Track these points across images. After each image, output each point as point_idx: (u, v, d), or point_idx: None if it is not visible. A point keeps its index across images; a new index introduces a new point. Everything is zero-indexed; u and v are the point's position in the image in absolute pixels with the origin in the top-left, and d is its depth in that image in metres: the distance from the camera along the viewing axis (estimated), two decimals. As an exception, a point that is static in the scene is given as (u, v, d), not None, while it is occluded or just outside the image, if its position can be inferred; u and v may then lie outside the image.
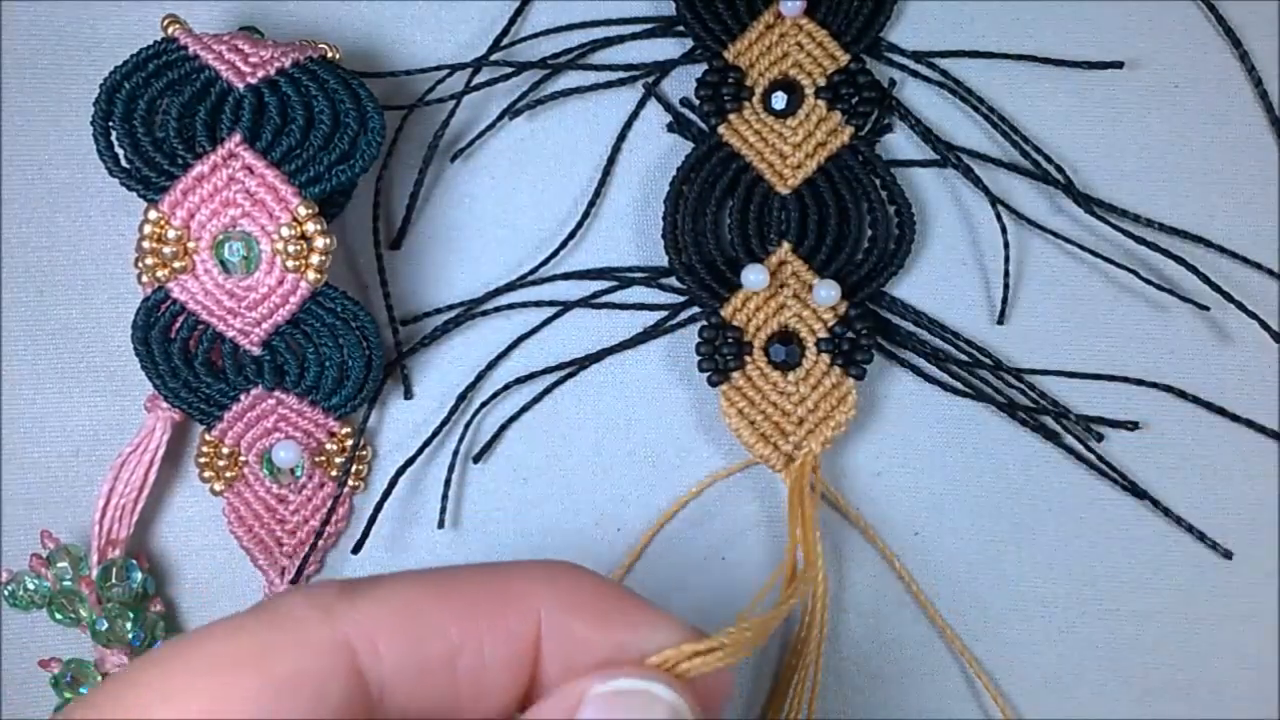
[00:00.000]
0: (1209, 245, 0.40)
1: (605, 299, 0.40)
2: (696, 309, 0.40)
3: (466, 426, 0.40)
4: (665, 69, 0.41)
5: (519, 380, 0.40)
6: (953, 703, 0.39)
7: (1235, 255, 0.40)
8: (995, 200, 0.40)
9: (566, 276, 0.40)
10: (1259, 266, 0.40)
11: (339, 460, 0.39)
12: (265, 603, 0.23)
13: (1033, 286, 0.40)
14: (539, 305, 0.40)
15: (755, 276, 0.38)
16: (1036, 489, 0.40)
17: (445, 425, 0.39)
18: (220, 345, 0.37)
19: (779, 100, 0.40)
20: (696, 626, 0.24)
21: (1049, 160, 0.40)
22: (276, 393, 0.38)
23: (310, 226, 0.35)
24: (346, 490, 0.39)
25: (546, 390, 0.40)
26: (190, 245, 0.35)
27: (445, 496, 0.39)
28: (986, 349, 0.40)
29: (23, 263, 0.40)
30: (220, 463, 0.39)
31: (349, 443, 0.39)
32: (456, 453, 0.39)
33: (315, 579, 0.40)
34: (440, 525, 0.39)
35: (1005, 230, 0.40)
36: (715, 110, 0.40)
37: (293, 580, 0.39)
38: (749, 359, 0.39)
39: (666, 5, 0.41)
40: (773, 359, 0.39)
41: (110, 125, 0.36)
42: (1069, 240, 0.40)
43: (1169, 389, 0.40)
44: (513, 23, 0.41)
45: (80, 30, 0.40)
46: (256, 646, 0.22)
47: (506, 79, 0.40)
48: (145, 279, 0.36)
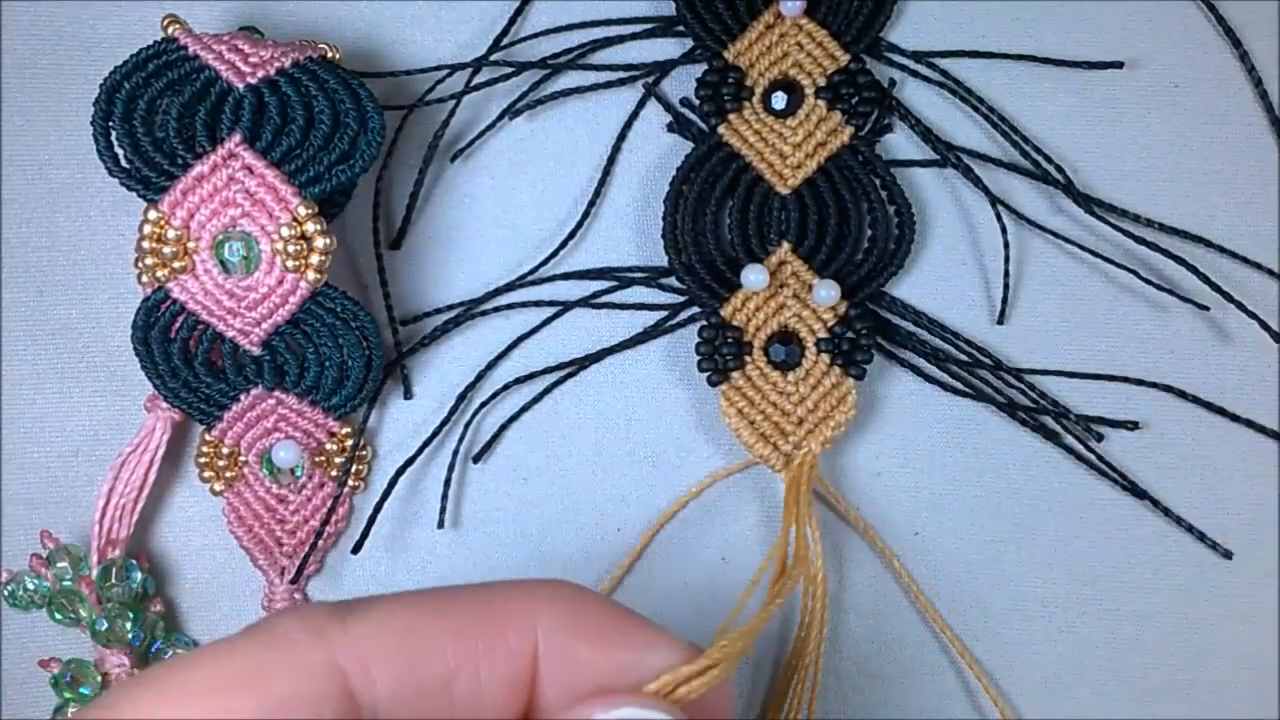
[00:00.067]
0: (1209, 245, 0.40)
1: (605, 299, 0.40)
2: (696, 309, 0.40)
3: (466, 426, 0.40)
4: (665, 69, 0.41)
5: (519, 380, 0.40)
6: (952, 703, 0.39)
7: (1235, 255, 0.40)
8: (995, 200, 0.40)
9: (566, 276, 0.40)
10: (1259, 266, 0.40)
11: (339, 460, 0.39)
12: (259, 624, 0.23)
13: (1033, 286, 0.40)
14: (539, 305, 0.40)
15: (755, 276, 0.38)
16: (1036, 489, 0.40)
17: (445, 425, 0.39)
18: (220, 345, 0.37)
19: (779, 100, 0.40)
20: (695, 643, 0.24)
21: (1049, 160, 0.40)
22: (276, 393, 0.38)
23: (310, 226, 0.35)
24: (346, 490, 0.39)
25: (546, 390, 0.40)
26: (190, 245, 0.35)
27: (445, 496, 0.39)
28: (986, 349, 0.40)
29: (23, 263, 0.40)
30: (220, 463, 0.39)
31: (349, 443, 0.39)
32: (456, 453, 0.39)
33: (315, 579, 0.40)
34: (440, 525, 0.39)
35: (1005, 230, 0.40)
36: (715, 110, 0.40)
37: (293, 580, 0.39)
38: (749, 359, 0.39)
39: (666, 5, 0.41)
40: (772, 359, 0.39)
41: (110, 125, 0.36)
42: (1069, 240, 0.40)
43: (1169, 389, 0.40)
44: (513, 23, 0.41)
45: (80, 30, 0.40)
46: (252, 668, 0.22)
47: (506, 79, 0.40)
48: (145, 279, 0.36)
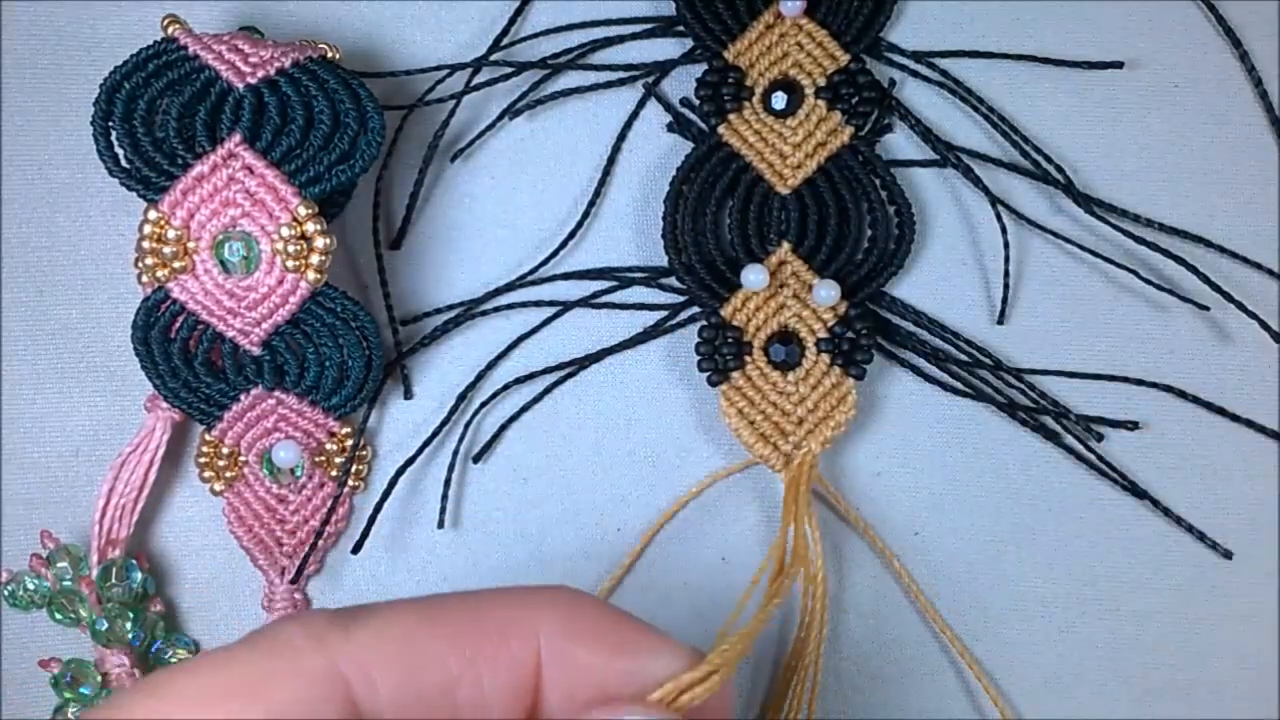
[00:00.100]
0: (1209, 245, 0.40)
1: (605, 299, 0.40)
2: (696, 309, 0.40)
3: (466, 426, 0.40)
4: (665, 69, 0.41)
5: (519, 380, 0.40)
6: (952, 703, 0.39)
7: (1235, 255, 0.40)
8: (995, 200, 0.40)
9: (566, 276, 0.40)
10: (1259, 266, 0.40)
11: (339, 460, 0.39)
12: (261, 630, 0.23)
13: (1033, 286, 0.40)
14: (539, 305, 0.40)
15: (755, 276, 0.38)
16: (1036, 489, 0.40)
17: (445, 425, 0.39)
18: (220, 345, 0.37)
19: (779, 100, 0.40)
20: (695, 647, 0.24)
21: (1049, 160, 0.40)
22: (276, 393, 0.38)
23: (310, 226, 0.35)
24: (346, 490, 0.39)
25: (546, 390, 0.40)
26: (190, 245, 0.35)
27: (445, 496, 0.39)
28: (986, 349, 0.40)
29: (23, 263, 0.40)
30: (220, 463, 0.39)
31: (349, 443, 0.39)
32: (456, 453, 0.39)
33: (315, 579, 0.40)
34: (440, 525, 0.39)
35: (1005, 230, 0.40)
36: (715, 110, 0.40)
37: (293, 580, 0.39)
38: (749, 359, 0.39)
39: (666, 5, 0.41)
40: (772, 359, 0.39)
41: (110, 125, 0.36)
42: (1069, 240, 0.40)
43: (1169, 389, 0.40)
44: (513, 23, 0.41)
45: (80, 30, 0.40)
46: (255, 674, 0.22)
47: (506, 79, 0.40)
48: (145, 279, 0.36)
